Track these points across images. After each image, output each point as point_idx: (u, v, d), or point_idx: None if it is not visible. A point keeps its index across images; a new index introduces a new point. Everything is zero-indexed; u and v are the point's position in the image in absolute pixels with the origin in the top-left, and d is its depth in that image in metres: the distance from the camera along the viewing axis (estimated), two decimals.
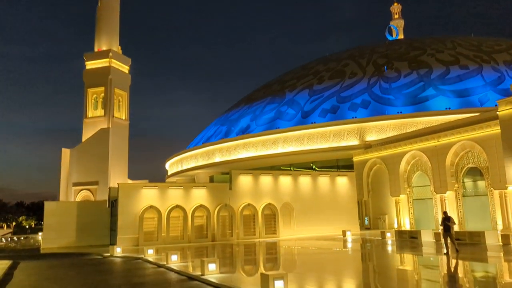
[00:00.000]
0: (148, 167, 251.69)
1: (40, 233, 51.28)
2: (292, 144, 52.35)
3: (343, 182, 41.70)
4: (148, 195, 33.55)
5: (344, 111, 52.72)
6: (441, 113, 45.75)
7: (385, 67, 57.30)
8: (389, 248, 25.82)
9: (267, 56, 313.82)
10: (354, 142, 48.85)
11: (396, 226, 41.37)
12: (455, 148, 36.76)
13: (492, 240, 25.23)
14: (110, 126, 59.85)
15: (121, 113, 64.20)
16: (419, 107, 49.12)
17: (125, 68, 66.15)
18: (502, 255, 20.39)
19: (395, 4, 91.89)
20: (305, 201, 39.19)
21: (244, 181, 37.20)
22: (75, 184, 58.45)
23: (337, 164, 52.63)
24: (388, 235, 32.07)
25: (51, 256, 28.08)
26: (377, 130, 48.24)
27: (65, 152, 59.75)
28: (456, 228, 32.88)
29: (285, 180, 39.12)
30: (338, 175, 42.19)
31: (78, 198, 57.06)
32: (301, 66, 76.07)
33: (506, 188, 32.20)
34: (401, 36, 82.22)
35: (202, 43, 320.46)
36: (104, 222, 36.42)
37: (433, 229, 32.13)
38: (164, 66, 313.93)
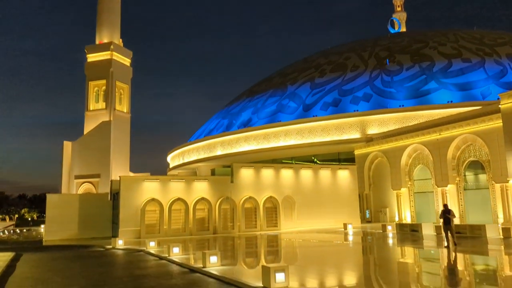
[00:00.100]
0: (149, 160, 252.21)
1: (42, 226, 51.52)
2: (293, 137, 52.32)
3: (344, 175, 41.73)
4: (150, 188, 33.65)
5: (345, 104, 52.62)
6: (443, 107, 45.61)
7: (387, 60, 57.06)
8: (390, 241, 25.88)
9: (268, 49, 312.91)
10: (356, 135, 48.81)
11: (397, 219, 41.46)
12: (456, 142, 36.72)
13: (493, 233, 25.26)
14: (112, 119, 59.87)
15: (123, 106, 64.18)
16: (421, 100, 48.98)
17: (126, 61, 66.02)
18: (502, 248, 20.42)
19: None
20: (306, 194, 39.26)
21: (246, 174, 37.26)
22: (77, 177, 58.59)
23: (339, 157, 52.61)
24: (389, 228, 32.14)
25: (53, 248, 28.23)
26: (379, 123, 48.16)
27: (67, 145, 59.83)
28: (457, 221, 33.01)
29: (287, 173, 39.17)
30: (340, 168, 42.22)
31: (80, 190, 57.22)
32: (302, 59, 75.82)
33: (507, 181, 32.22)
34: (404, 29, 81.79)
35: (204, 36, 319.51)
36: (106, 214, 36.55)
37: (434, 222, 32.17)
38: (166, 59, 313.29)
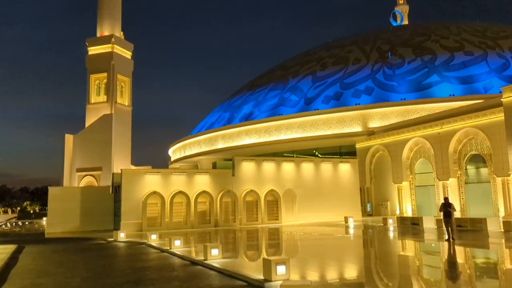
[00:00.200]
0: (151, 153, 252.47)
1: (44, 218, 51.74)
2: (295, 130, 52.27)
3: (345, 169, 41.74)
4: (151, 181, 33.71)
5: (347, 97, 52.49)
6: (444, 100, 45.48)
7: (389, 53, 56.83)
8: (391, 235, 25.94)
9: (270, 42, 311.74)
10: (357, 129, 48.75)
11: (398, 212, 41.53)
12: (458, 135, 36.66)
13: (494, 227, 25.30)
14: (113, 112, 59.90)
15: (124, 99, 64.17)
16: (423, 93, 48.84)
17: (127, 54, 65.91)
18: (503, 242, 20.47)
19: None
20: (307, 188, 39.30)
21: (247, 167, 37.29)
22: (78, 170, 58.75)
23: (340, 150, 52.60)
24: (390, 221, 32.20)
25: (55, 241, 28.34)
26: (380, 117, 48.07)
27: (69, 138, 59.94)
28: (458, 214, 33.08)
29: (288, 167, 39.19)
30: (341, 162, 42.22)
31: (82, 183, 57.40)
32: (304, 52, 75.54)
33: (508, 175, 32.21)
34: (406, 22, 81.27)
35: (206, 29, 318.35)
36: (108, 207, 36.65)
37: (435, 216, 32.20)
38: (167, 51, 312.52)
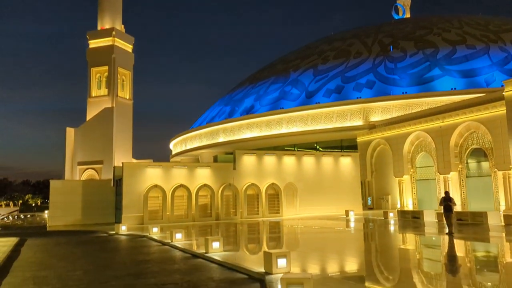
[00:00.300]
0: (152, 147, 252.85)
1: (46, 211, 51.92)
2: (296, 124, 52.23)
3: (346, 163, 41.76)
4: (153, 175, 33.78)
5: (348, 91, 52.37)
6: (446, 94, 45.35)
7: (391, 47, 56.61)
8: (392, 228, 26.01)
9: (272, 35, 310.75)
10: (359, 122, 48.69)
11: (399, 206, 41.59)
12: (459, 129, 36.61)
13: (495, 221, 25.33)
14: (114, 105, 59.88)
15: (125, 92, 64.13)
16: (425, 87, 48.70)
17: (128, 47, 65.76)
18: (504, 235, 20.51)
19: None
20: (308, 181, 39.35)
21: (248, 161, 37.33)
22: (80, 163, 58.87)
23: (341, 144, 52.58)
24: (390, 215, 32.25)
25: (57, 234, 28.48)
26: (382, 110, 47.99)
27: (70, 132, 60.02)
28: (458, 208, 33.12)
29: (289, 160, 39.22)
30: (342, 156, 42.23)
31: (83, 177, 57.54)
32: (305, 45, 75.27)
33: (509, 169, 32.20)
34: (408, 15, 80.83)
35: (207, 21, 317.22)
36: (109, 200, 36.79)
37: (435, 209, 32.24)
38: (168, 45, 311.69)
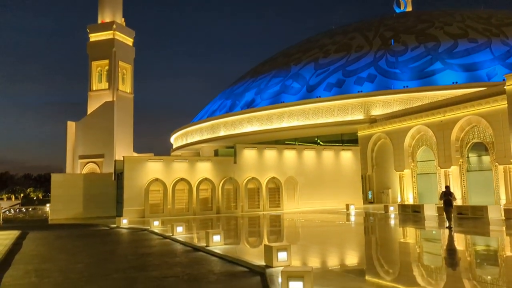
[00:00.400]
0: (153, 141, 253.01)
1: (47, 205, 52.06)
2: (297, 118, 52.18)
3: (347, 157, 41.76)
4: (154, 168, 33.82)
5: (349, 85, 52.27)
6: (447, 88, 45.24)
7: (392, 41, 56.40)
8: (392, 222, 26.05)
9: (273, 29, 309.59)
10: (359, 116, 48.62)
11: (399, 200, 41.64)
12: (461, 123, 36.57)
13: (495, 214, 25.37)
14: (115, 99, 59.83)
15: (126, 86, 64.04)
16: (426, 81, 48.57)
17: (129, 41, 65.58)
18: (504, 229, 20.56)
19: None
20: (309, 175, 39.38)
21: (249, 155, 37.35)
22: (81, 157, 58.94)
23: (342, 138, 52.55)
24: (391, 209, 32.29)
25: (58, 227, 28.58)
26: (383, 104, 47.92)
27: (71, 125, 60.04)
28: (459, 202, 33.16)
29: (290, 154, 39.23)
30: (343, 150, 42.23)
31: (85, 170, 57.63)
32: (306, 39, 75.03)
33: (510, 163, 32.20)
34: (409, 8, 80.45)
35: (208, 15, 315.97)
36: (110, 194, 36.89)
37: (436, 204, 32.30)
38: (169, 38, 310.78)
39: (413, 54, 52.67)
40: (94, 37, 63.02)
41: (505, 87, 31.66)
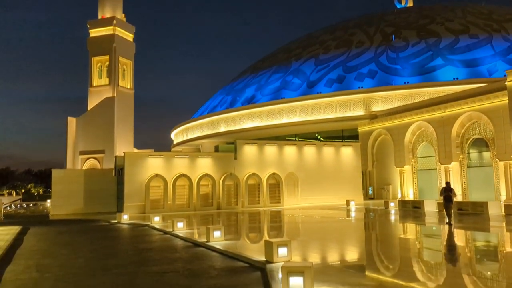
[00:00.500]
0: (153, 137, 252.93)
1: (48, 200, 52.18)
2: (297, 114, 52.12)
3: (347, 153, 41.76)
4: (154, 164, 33.85)
5: (350, 81, 52.18)
6: (448, 84, 45.15)
7: (393, 36, 56.25)
8: (392, 218, 26.08)
9: (273, 25, 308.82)
10: (360, 112, 48.55)
11: (399, 196, 41.66)
12: (461, 119, 36.53)
13: (495, 210, 25.38)
14: (115, 95, 59.78)
15: (126, 82, 63.98)
16: (427, 77, 48.47)
17: (129, 36, 65.44)
18: (504, 225, 20.58)
19: None
20: (309, 171, 39.39)
21: (249, 151, 37.35)
22: (81, 153, 58.98)
23: (342, 134, 52.51)
24: (391, 205, 32.29)
25: (59, 223, 28.65)
26: (383, 100, 47.85)
27: (71, 121, 60.03)
28: (459, 198, 33.17)
29: (290, 150, 39.24)
30: (343, 145, 42.21)
31: (85, 166, 57.69)
32: (307, 35, 74.82)
33: (511, 159, 32.19)
34: (410, 4, 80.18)
35: (208, 11, 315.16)
36: (111, 190, 36.95)
37: (436, 200, 32.31)
38: (169, 34, 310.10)
39: (414, 50, 52.55)
40: (94, 32, 62.87)
41: (506, 83, 31.60)
